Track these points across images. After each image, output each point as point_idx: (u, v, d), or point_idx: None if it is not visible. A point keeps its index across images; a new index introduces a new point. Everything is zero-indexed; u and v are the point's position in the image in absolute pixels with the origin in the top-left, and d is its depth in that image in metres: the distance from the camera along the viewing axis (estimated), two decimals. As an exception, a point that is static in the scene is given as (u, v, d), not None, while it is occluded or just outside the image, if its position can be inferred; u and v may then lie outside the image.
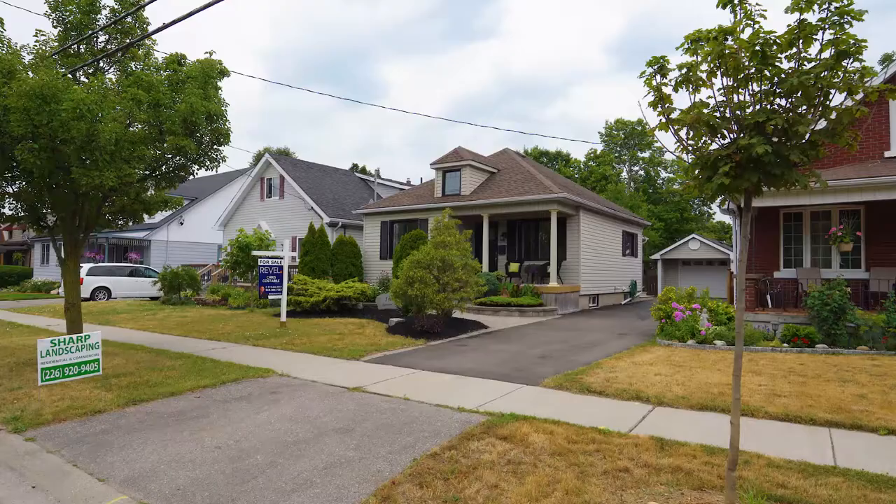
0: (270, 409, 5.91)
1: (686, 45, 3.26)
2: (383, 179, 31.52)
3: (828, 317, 9.96)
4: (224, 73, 9.31)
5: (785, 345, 9.82)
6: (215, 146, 8.75)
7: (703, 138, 3.10)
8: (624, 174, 54.59)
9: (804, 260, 13.13)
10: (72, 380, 6.89)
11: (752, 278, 12.12)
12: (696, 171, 3.04)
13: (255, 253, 13.43)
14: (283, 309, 12.89)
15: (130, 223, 10.71)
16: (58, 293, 25.47)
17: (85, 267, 21.99)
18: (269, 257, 13.15)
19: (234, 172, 35.64)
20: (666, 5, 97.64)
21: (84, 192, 7.94)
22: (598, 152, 53.53)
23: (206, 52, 8.64)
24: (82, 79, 8.78)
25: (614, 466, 4.14)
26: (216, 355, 9.27)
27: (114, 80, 8.52)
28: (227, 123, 8.75)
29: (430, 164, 20.39)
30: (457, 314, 13.72)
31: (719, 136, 3.03)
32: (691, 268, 31.50)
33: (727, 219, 56.73)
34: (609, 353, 9.50)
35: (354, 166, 53.93)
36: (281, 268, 13.08)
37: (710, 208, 53.82)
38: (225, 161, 9.02)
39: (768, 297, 11.86)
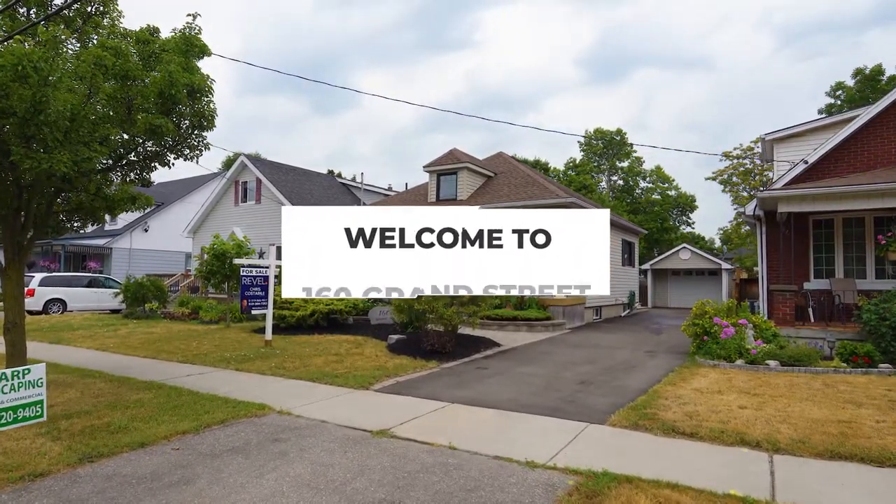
0: (278, 469, 4.43)
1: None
2: (366, 185, 30.01)
3: (886, 333, 9.00)
4: (204, 51, 7.80)
5: (844, 364, 8.80)
6: (197, 130, 7.19)
7: None
8: (603, 184, 54.27)
9: (836, 270, 12.25)
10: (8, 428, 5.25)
11: (787, 290, 11.17)
12: None
13: (237, 261, 11.80)
14: (269, 325, 11.29)
15: (90, 225, 8.98)
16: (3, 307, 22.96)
17: (37, 277, 19.77)
18: (252, 267, 11.55)
19: (203, 177, 33.55)
20: (636, 20, 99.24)
21: (30, 182, 6.31)
22: (578, 161, 53.12)
23: (189, 15, 7.06)
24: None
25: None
26: (194, 384, 7.66)
27: (73, 43, 6.88)
28: (212, 104, 7.23)
29: (424, 167, 19.03)
30: (463, 330, 12.35)
31: None
32: (681, 278, 30.86)
33: (698, 230, 57.08)
34: (655, 377, 8.29)
35: (330, 172, 52.01)
36: (266, 278, 11.51)
37: (690, 218, 53.94)
38: (208, 149, 7.47)
39: (810, 310, 10.89)
